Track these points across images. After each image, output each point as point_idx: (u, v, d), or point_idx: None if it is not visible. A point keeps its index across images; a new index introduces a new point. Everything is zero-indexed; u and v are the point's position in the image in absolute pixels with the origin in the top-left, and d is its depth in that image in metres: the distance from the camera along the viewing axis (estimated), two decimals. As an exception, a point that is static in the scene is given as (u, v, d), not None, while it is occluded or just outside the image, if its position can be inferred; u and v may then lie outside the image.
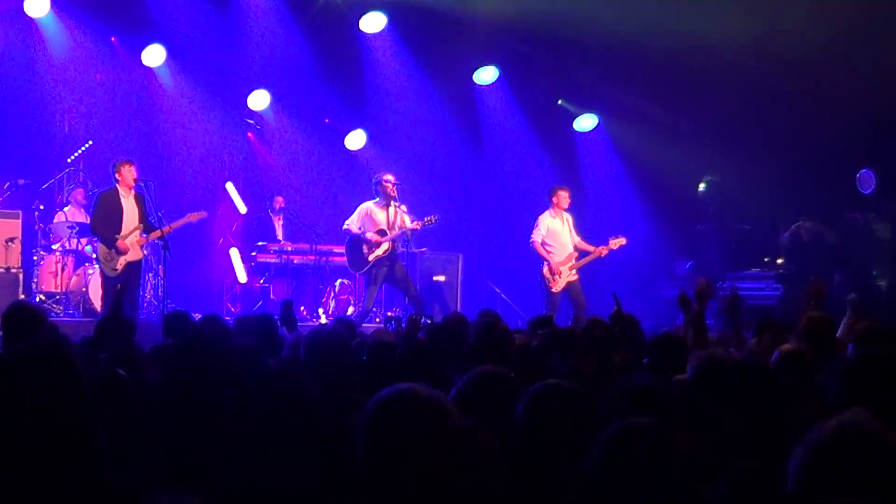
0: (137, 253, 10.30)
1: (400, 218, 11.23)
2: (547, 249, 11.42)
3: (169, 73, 13.26)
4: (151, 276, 11.78)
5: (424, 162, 14.26)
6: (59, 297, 11.42)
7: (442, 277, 12.82)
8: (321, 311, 12.80)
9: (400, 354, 4.64)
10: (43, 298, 11.32)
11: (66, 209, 11.97)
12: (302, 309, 12.81)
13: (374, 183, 11.37)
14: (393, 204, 11.21)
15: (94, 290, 11.06)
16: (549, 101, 14.60)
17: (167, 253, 10.30)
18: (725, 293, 12.64)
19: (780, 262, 13.00)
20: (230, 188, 13.89)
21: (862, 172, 12.48)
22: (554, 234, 11.46)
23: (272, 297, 12.76)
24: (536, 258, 11.50)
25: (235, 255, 13.51)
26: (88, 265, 11.37)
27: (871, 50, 11.27)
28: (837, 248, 12.43)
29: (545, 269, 11.39)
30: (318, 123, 14.48)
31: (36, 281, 11.42)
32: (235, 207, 13.91)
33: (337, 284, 13.25)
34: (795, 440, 2.29)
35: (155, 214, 10.38)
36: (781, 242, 13.19)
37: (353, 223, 11.31)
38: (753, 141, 13.11)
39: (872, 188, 12.43)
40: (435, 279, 13.00)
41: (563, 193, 11.58)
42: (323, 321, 11.89)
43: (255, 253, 13.18)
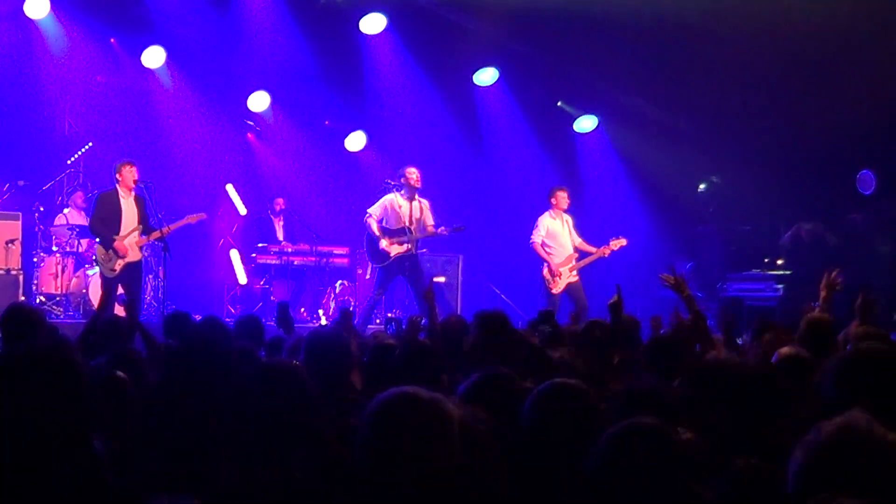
0: (136, 254, 10.28)
1: (422, 213, 11.19)
2: (547, 251, 11.40)
3: (169, 74, 13.26)
4: (152, 277, 11.78)
5: (424, 163, 14.15)
6: (59, 298, 11.42)
7: (442, 279, 12.81)
8: (321, 312, 12.80)
9: (400, 356, 4.63)
10: (43, 300, 11.33)
11: (65, 211, 11.98)
12: (302, 310, 12.81)
13: (398, 175, 11.34)
14: (417, 197, 11.20)
15: (94, 291, 11.05)
16: (548, 102, 14.59)
17: (167, 254, 10.29)
18: (725, 294, 12.73)
19: (780, 262, 12.99)
20: (230, 190, 13.89)
21: (862, 173, 12.48)
22: (554, 235, 11.45)
23: (272, 298, 12.75)
24: (536, 259, 11.49)
25: (236, 256, 13.51)
26: (88, 266, 11.37)
27: (871, 50, 11.28)
28: (837, 249, 12.42)
29: (545, 270, 11.37)
30: (318, 125, 14.48)
31: (36, 282, 11.43)
32: (236, 209, 13.90)
33: (337, 286, 13.25)
34: (795, 440, 2.29)
35: (155, 216, 10.38)
36: (782, 243, 13.19)
37: (375, 213, 11.20)
38: (753, 142, 13.11)
39: (872, 189, 12.43)
40: (435, 280, 12.98)
41: (561, 194, 11.56)
42: (323, 322, 11.88)
43: (255, 254, 13.18)
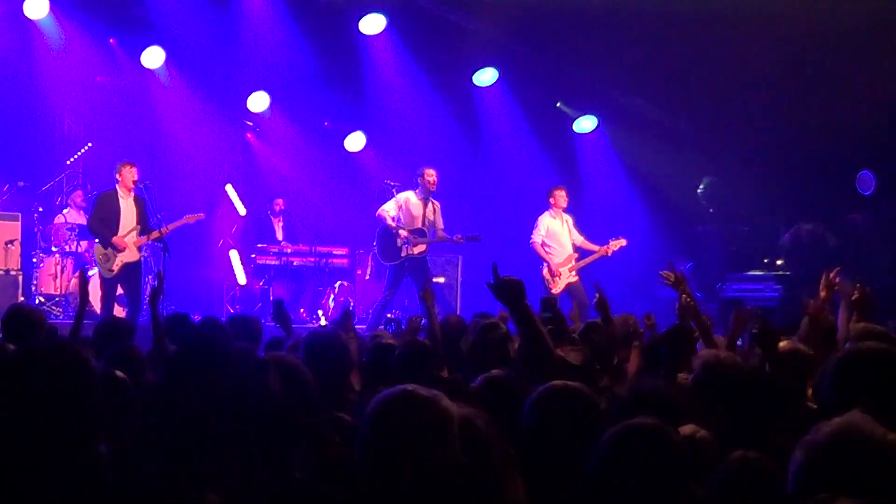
0: (135, 254, 10.28)
1: (435, 216, 11.18)
2: (546, 251, 11.40)
3: (168, 74, 13.26)
4: (151, 278, 11.76)
5: (424, 163, 14.19)
6: (58, 299, 11.42)
7: (442, 279, 12.81)
8: (321, 312, 12.79)
9: (399, 356, 4.63)
10: (42, 300, 11.32)
11: (64, 211, 11.97)
12: (302, 311, 12.80)
13: (416, 175, 11.31)
14: (430, 199, 11.18)
15: (93, 292, 11.02)
16: (548, 102, 14.57)
17: (166, 255, 10.28)
18: (724, 294, 12.71)
19: (779, 263, 12.99)
20: (230, 190, 13.88)
21: (862, 173, 12.47)
22: (553, 234, 11.45)
23: (272, 298, 12.74)
24: (536, 259, 11.48)
25: (235, 256, 13.49)
26: (88, 267, 11.35)
27: (871, 50, 11.28)
28: (837, 249, 12.41)
29: (545, 270, 11.37)
30: (317, 125, 14.47)
31: (35, 283, 11.42)
32: (235, 209, 13.89)
33: (337, 286, 13.24)
34: (795, 440, 2.29)
35: (154, 216, 10.37)
36: (781, 244, 13.18)
37: (389, 210, 11.13)
38: (753, 142, 13.11)
39: (872, 189, 12.42)
40: (435, 280, 12.99)
41: (559, 193, 11.56)
42: (322, 323, 11.88)
43: (254, 255, 13.17)
